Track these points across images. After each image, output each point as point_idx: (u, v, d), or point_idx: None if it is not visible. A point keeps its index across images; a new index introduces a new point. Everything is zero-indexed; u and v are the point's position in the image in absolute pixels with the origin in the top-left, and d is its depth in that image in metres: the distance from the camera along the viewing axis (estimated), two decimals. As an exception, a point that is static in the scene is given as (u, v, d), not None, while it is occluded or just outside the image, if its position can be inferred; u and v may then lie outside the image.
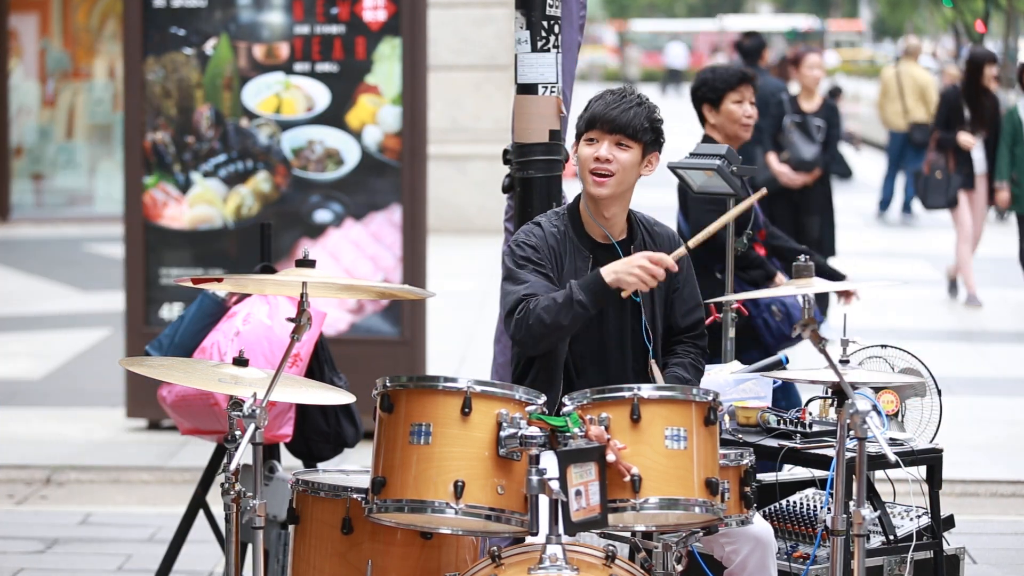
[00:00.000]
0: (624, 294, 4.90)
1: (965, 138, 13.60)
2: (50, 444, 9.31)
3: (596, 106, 5.05)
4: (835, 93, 23.69)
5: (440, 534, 4.63)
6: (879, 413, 5.52)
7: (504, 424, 4.40)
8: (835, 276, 7.46)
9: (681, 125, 11.23)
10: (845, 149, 20.14)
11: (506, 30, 17.73)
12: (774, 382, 5.58)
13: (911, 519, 5.66)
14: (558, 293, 4.90)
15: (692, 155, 6.84)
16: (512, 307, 4.93)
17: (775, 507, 5.72)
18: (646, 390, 4.48)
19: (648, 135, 5.03)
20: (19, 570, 7.08)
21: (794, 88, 13.46)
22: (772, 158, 12.51)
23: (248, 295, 6.11)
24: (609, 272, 4.86)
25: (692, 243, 4.97)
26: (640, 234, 5.13)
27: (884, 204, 21.12)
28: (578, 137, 5.12)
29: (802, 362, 6.87)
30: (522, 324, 4.89)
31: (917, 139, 19.48)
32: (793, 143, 12.46)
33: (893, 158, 20.72)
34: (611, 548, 4.41)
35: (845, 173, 17.74)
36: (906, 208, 21.07)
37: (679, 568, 4.62)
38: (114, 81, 20.03)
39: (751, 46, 14.32)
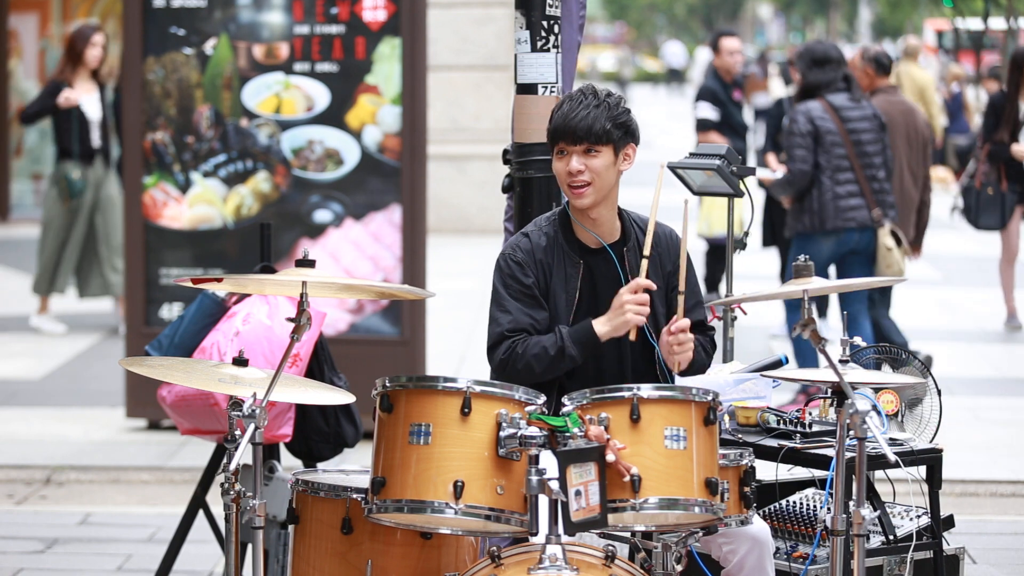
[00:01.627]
0: (632, 336, 4.92)
1: (1018, 149, 12.31)
2: (50, 444, 9.31)
3: (556, 118, 4.97)
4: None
5: (440, 534, 4.63)
6: (879, 413, 5.52)
7: (504, 424, 4.41)
8: None
9: (680, 125, 11.23)
10: None
11: (506, 30, 17.73)
12: (774, 382, 5.57)
13: (911, 519, 5.65)
14: (549, 341, 4.92)
15: (692, 155, 6.83)
16: (495, 342, 4.97)
17: (775, 507, 5.72)
18: (645, 390, 4.48)
19: (615, 133, 4.93)
20: (19, 570, 7.08)
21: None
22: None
23: (248, 295, 6.10)
24: (602, 327, 4.90)
25: (646, 250, 4.94)
26: (634, 235, 5.11)
27: None
28: (551, 147, 5.06)
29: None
30: (507, 365, 4.92)
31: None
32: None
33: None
34: (611, 548, 4.41)
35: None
36: None
37: (679, 568, 4.61)
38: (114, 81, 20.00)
39: (712, 38, 14.46)
